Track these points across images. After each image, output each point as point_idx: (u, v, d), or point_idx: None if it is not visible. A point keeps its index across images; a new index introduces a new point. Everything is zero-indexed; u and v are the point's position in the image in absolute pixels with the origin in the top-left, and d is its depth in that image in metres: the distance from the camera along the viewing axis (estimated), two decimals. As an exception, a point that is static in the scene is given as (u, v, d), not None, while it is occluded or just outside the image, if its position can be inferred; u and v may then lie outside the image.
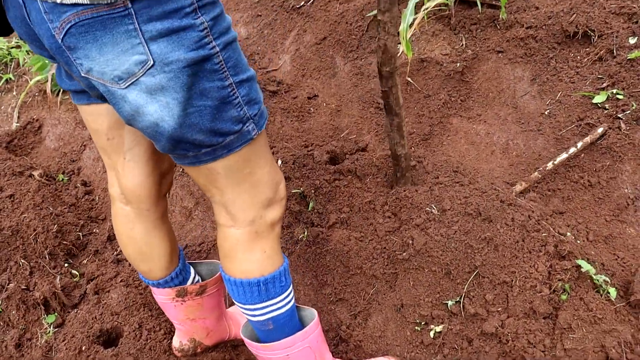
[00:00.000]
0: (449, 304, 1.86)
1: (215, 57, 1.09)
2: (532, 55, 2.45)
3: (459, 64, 2.57)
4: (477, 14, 2.66)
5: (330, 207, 2.19)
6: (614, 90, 2.21)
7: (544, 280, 1.79)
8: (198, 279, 1.87)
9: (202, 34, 1.05)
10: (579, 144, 2.15)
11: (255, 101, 1.23)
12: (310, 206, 2.22)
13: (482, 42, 2.60)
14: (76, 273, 2.39)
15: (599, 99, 2.22)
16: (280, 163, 2.39)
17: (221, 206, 1.36)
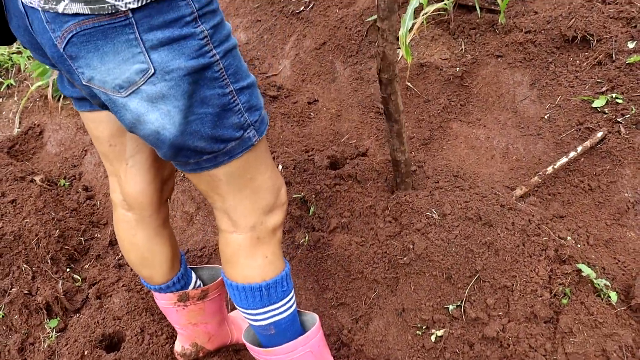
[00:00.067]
0: (450, 308, 1.87)
1: (216, 65, 1.10)
2: (532, 59, 2.46)
3: (458, 68, 2.58)
4: (476, 18, 2.67)
5: (331, 212, 2.20)
6: (613, 95, 2.22)
7: (544, 284, 1.79)
8: (199, 284, 1.87)
9: (203, 42, 1.06)
10: (579, 148, 2.15)
11: (256, 107, 1.23)
12: (311, 211, 2.23)
13: (482, 47, 2.60)
14: (78, 278, 2.40)
15: (598, 103, 2.23)
16: (281, 168, 2.40)
17: (223, 212, 1.36)
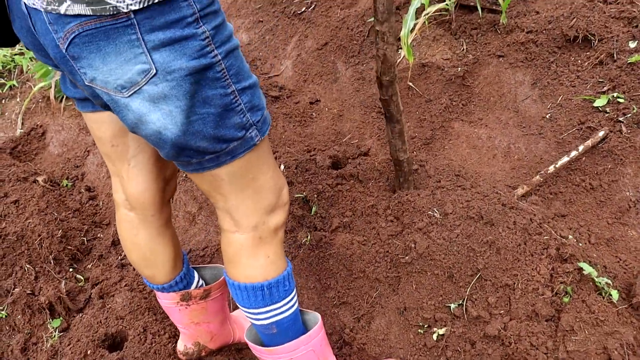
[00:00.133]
0: (452, 306, 1.87)
1: (217, 65, 1.10)
2: (533, 59, 2.46)
3: (460, 68, 2.58)
4: (477, 18, 2.67)
5: (333, 212, 2.20)
6: (615, 94, 2.22)
7: (546, 283, 1.80)
8: (202, 283, 1.88)
9: (204, 42, 1.06)
10: (580, 147, 2.16)
11: (258, 107, 1.24)
12: (313, 210, 2.23)
13: (483, 47, 2.61)
14: (81, 278, 2.41)
15: (599, 102, 2.23)
16: (283, 168, 2.40)
17: (225, 212, 1.37)
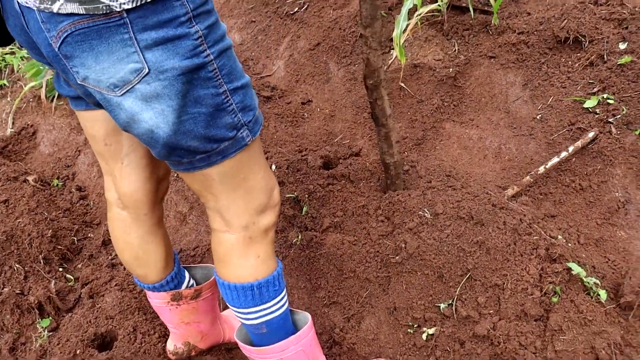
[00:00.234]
0: (442, 306, 1.88)
1: (210, 65, 1.11)
2: (524, 60, 2.48)
3: (451, 69, 2.59)
4: (469, 19, 2.68)
5: (324, 212, 2.21)
6: (605, 95, 2.23)
7: (535, 283, 1.81)
8: (192, 283, 1.88)
9: (197, 42, 1.07)
10: (570, 148, 2.17)
11: (250, 108, 1.24)
12: (304, 210, 2.24)
13: (475, 48, 2.62)
14: (71, 277, 2.40)
15: (590, 103, 2.25)
16: (274, 168, 2.40)
17: (216, 212, 1.37)
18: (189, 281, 1.85)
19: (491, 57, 2.55)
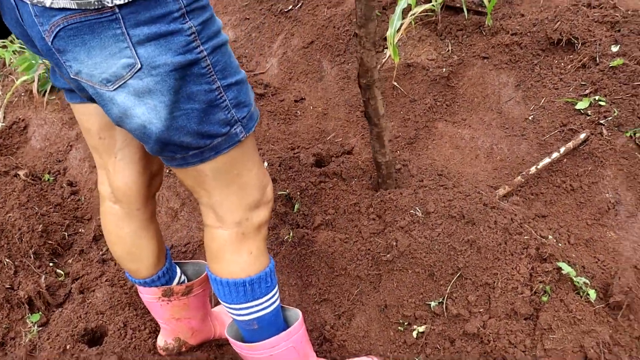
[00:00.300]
0: (432, 304, 1.88)
1: (203, 61, 1.10)
2: (517, 61, 2.49)
3: (444, 69, 2.60)
4: (463, 20, 2.69)
5: (316, 209, 2.21)
6: (597, 97, 2.25)
7: (525, 282, 1.82)
8: (184, 279, 1.87)
9: (190, 38, 1.06)
10: (562, 149, 2.18)
11: (245, 104, 1.23)
12: (296, 208, 2.24)
13: (468, 48, 2.63)
14: (61, 272, 2.39)
15: (581, 105, 2.26)
16: (266, 165, 2.41)
17: (208, 207, 1.37)
18: (180, 277, 1.85)
19: (484, 57, 2.56)
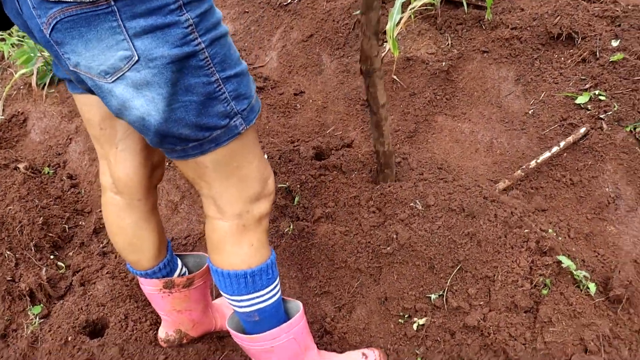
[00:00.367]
0: (432, 297, 1.89)
1: (201, 54, 1.10)
2: (517, 55, 2.49)
3: (444, 63, 2.60)
4: (462, 14, 2.69)
5: (316, 202, 2.21)
6: (597, 92, 2.25)
7: (525, 275, 1.82)
8: (185, 271, 1.88)
9: (187, 30, 1.06)
10: (562, 143, 2.19)
11: (245, 96, 1.23)
12: (296, 201, 2.24)
13: (468, 42, 2.63)
14: (62, 265, 2.39)
15: (581, 99, 2.26)
16: (266, 158, 2.41)
17: (209, 199, 1.37)
18: (181, 269, 1.85)
19: (484, 51, 2.56)
